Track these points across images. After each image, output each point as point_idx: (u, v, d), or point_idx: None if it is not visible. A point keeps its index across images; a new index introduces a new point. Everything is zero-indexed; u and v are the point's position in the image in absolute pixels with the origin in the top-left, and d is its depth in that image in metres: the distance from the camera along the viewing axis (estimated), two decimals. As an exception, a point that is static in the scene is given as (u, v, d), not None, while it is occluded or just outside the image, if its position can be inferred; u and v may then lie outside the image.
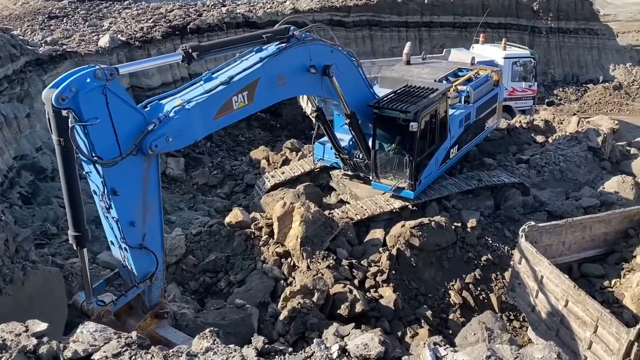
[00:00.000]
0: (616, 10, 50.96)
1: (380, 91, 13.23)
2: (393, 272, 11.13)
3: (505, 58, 21.02)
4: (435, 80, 14.15)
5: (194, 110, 7.30)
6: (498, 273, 12.06)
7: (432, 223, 11.90)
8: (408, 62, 16.23)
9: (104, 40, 21.27)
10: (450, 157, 13.71)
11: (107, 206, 6.59)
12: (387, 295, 10.64)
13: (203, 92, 7.61)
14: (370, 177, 12.77)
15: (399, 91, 12.48)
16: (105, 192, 6.45)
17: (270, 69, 8.81)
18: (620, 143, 18.10)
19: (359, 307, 10.03)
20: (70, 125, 5.86)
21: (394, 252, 11.48)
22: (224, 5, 28.14)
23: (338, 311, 9.95)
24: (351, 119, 11.61)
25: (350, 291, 10.22)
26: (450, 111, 13.33)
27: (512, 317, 11.38)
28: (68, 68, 19.49)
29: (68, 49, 20.20)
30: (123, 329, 7.11)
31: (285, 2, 29.58)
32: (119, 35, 22.19)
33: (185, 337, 7.08)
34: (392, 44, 30.10)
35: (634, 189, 14.47)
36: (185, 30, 23.61)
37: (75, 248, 6.50)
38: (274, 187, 14.22)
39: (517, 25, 32.96)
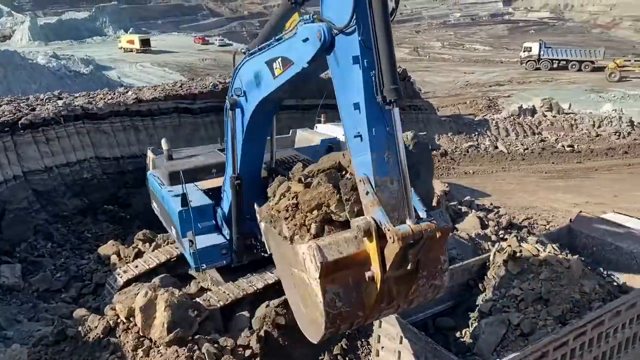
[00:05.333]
0: (434, 89, 58.52)
1: None
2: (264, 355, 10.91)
3: (346, 135, 22.65)
4: None
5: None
6: (363, 340, 12.39)
7: (295, 299, 12.00)
8: (170, 157, 14.92)
9: None
10: None
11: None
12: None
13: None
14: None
15: None
16: None
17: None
18: (452, 203, 20.21)
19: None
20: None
21: (261, 334, 11.29)
22: (60, 98, 26.78)
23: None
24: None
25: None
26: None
27: (381, 382, 11.66)
28: None
29: None
30: None
31: (127, 92, 29.13)
32: None
33: None
34: (240, 127, 30.88)
35: (469, 244, 16.11)
36: (17, 125, 21.92)
37: None
38: (128, 283, 13.34)
39: (353, 105, 35.99)
